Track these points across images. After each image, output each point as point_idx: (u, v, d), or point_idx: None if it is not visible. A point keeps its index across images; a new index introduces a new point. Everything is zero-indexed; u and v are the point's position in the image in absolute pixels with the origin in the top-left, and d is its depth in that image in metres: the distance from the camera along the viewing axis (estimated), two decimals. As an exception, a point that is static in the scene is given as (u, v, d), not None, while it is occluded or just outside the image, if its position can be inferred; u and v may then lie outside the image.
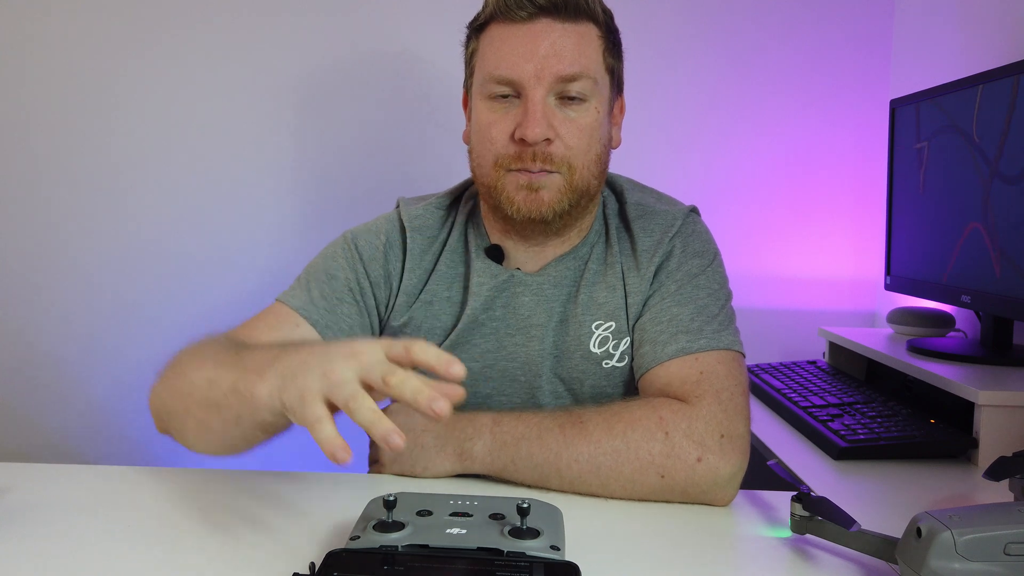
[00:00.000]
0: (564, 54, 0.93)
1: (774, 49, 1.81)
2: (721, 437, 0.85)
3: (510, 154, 0.95)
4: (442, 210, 1.07)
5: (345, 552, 0.62)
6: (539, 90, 0.92)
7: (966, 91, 1.33)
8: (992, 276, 1.26)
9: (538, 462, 0.86)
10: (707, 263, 1.00)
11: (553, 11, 0.93)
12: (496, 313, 1.01)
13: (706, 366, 0.91)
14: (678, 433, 0.84)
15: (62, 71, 1.76)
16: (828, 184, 1.84)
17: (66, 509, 0.80)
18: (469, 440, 0.88)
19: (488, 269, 1.02)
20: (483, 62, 0.97)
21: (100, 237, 1.80)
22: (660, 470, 0.84)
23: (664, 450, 0.84)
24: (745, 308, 1.82)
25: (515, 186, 0.95)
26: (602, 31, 0.97)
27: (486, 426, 0.88)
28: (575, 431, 0.86)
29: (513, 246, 1.03)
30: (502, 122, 0.95)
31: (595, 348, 0.99)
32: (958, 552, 0.59)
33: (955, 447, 1.11)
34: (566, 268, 1.02)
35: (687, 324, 0.95)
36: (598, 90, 0.96)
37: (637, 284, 0.99)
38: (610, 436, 0.85)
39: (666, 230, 1.01)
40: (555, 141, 0.94)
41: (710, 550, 0.75)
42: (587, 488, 0.85)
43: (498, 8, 0.94)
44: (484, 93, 0.96)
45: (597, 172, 0.98)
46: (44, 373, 1.83)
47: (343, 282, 1.02)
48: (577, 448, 0.85)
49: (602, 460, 0.84)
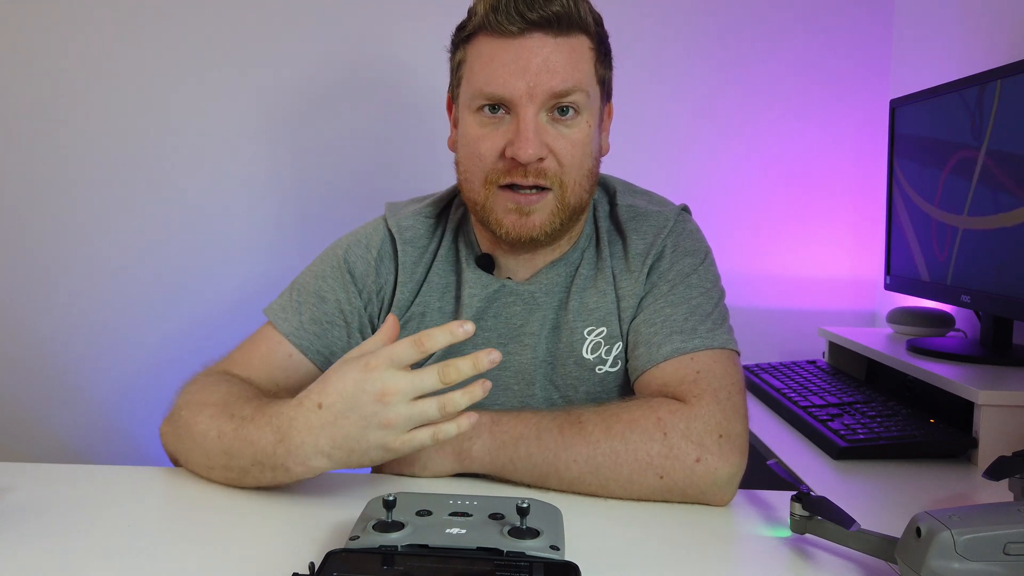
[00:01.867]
0: (557, 69, 0.90)
1: (774, 49, 1.81)
2: (720, 437, 0.84)
3: (500, 170, 0.93)
4: (431, 219, 1.06)
5: (345, 552, 0.62)
6: (531, 108, 0.90)
7: (966, 91, 1.33)
8: (992, 276, 1.26)
9: (537, 462, 0.86)
10: (699, 262, 0.99)
11: (545, 25, 0.90)
12: (488, 323, 1.00)
13: (703, 365, 0.90)
14: (676, 434, 0.84)
15: (62, 71, 1.76)
16: (828, 184, 1.84)
17: (66, 509, 0.80)
18: (468, 440, 0.88)
19: (479, 279, 1.01)
20: (472, 75, 0.93)
21: (100, 237, 1.80)
22: (659, 471, 0.83)
23: (663, 451, 0.83)
24: (745, 308, 1.82)
25: (504, 208, 0.94)
26: (593, 42, 0.94)
27: (485, 426, 0.88)
28: (573, 432, 0.85)
29: (503, 255, 1.02)
30: (492, 138, 0.92)
31: (588, 354, 0.98)
32: (958, 552, 0.59)
33: (955, 447, 1.11)
34: (557, 275, 1.01)
35: (681, 324, 0.94)
36: (589, 103, 0.94)
37: (630, 287, 0.98)
38: (608, 437, 0.84)
39: (658, 232, 1.00)
40: (548, 158, 0.92)
41: (710, 550, 0.75)
42: (586, 488, 0.85)
43: (487, 20, 0.90)
44: (472, 107, 0.93)
45: (588, 186, 0.97)
46: (44, 373, 1.83)
47: (334, 304, 1.01)
48: (576, 449, 0.84)
49: (601, 461, 0.84)
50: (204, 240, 1.81)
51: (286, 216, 1.82)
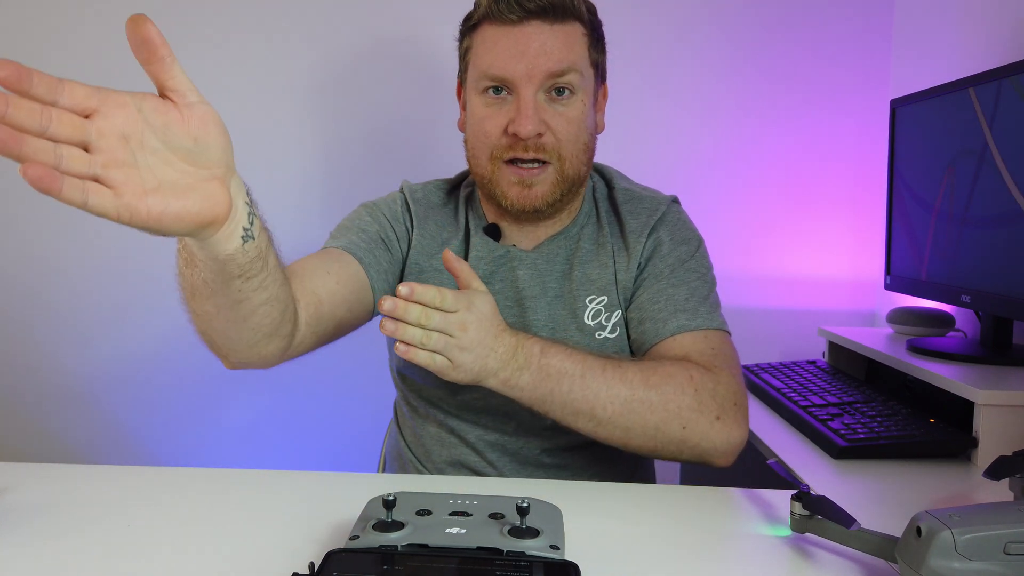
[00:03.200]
0: (553, 53, 1.00)
1: (774, 49, 1.81)
2: (735, 405, 0.94)
3: (503, 145, 1.02)
4: (442, 191, 1.17)
5: (345, 552, 0.62)
6: (530, 88, 1.00)
7: (966, 91, 1.33)
8: (992, 276, 1.26)
9: (576, 398, 0.90)
10: (694, 249, 1.09)
11: (541, 13, 0.99)
12: (495, 287, 1.08)
13: (715, 344, 1.00)
14: (705, 392, 0.92)
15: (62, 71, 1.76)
16: (828, 184, 1.84)
17: (66, 509, 0.80)
18: (519, 371, 0.89)
19: (486, 245, 1.10)
20: (477, 60, 1.04)
21: (100, 236, 1.80)
22: (683, 422, 0.91)
23: (692, 404, 0.91)
24: (745, 308, 1.82)
25: (509, 181, 1.03)
26: (587, 29, 1.04)
27: (535, 357, 0.89)
28: (616, 375, 0.91)
29: (508, 226, 1.11)
30: (496, 117, 1.02)
31: (589, 320, 1.07)
32: (958, 551, 0.59)
33: (955, 446, 1.11)
34: (558, 246, 1.10)
35: (683, 304, 1.03)
36: (584, 83, 1.03)
37: (625, 262, 1.08)
38: (646, 386, 0.91)
39: (651, 213, 1.10)
40: (546, 134, 1.01)
41: (710, 549, 0.75)
42: (611, 432, 0.91)
43: (490, 10, 1.01)
44: (478, 89, 1.04)
45: (585, 159, 1.06)
46: (44, 373, 1.83)
47: (374, 233, 1.09)
48: (615, 391, 0.90)
49: (635, 406, 0.90)
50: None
51: (286, 214, 1.82)
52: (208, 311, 0.83)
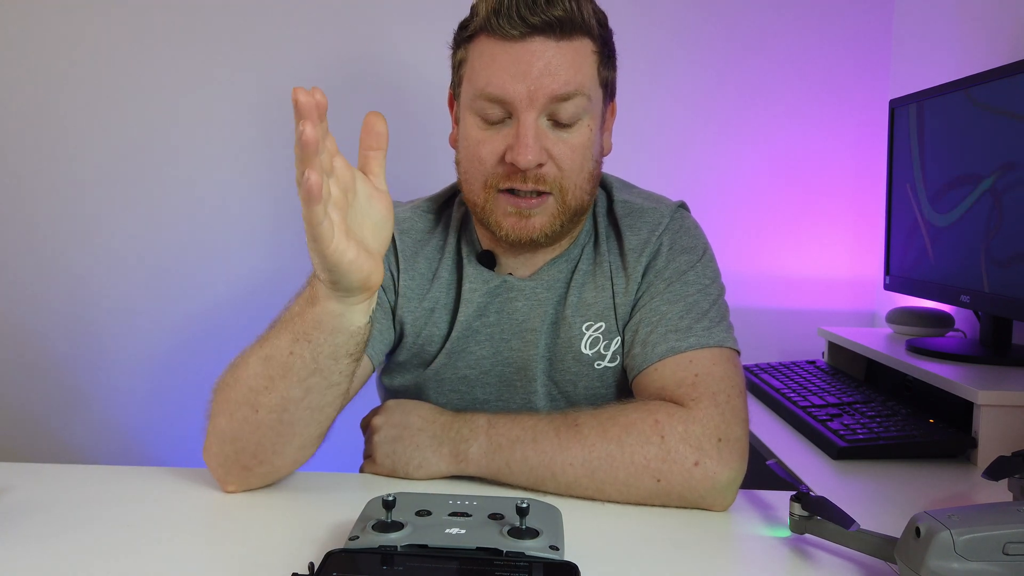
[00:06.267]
0: (559, 73, 0.88)
1: (774, 49, 1.81)
2: (719, 441, 0.83)
3: (500, 174, 0.92)
4: (430, 214, 1.06)
5: (344, 552, 0.62)
6: (531, 112, 0.88)
7: (966, 91, 1.33)
8: (991, 276, 1.26)
9: (533, 465, 0.85)
10: (696, 259, 0.98)
11: (547, 29, 0.88)
12: (491, 319, 1.00)
13: (701, 367, 0.89)
14: (674, 437, 0.83)
15: (62, 71, 1.76)
16: (828, 184, 1.84)
17: (66, 509, 0.80)
18: (465, 442, 0.88)
19: (480, 275, 1.00)
20: (472, 75, 0.92)
21: (100, 237, 1.80)
22: (656, 474, 0.82)
23: (660, 454, 0.82)
24: (745, 308, 1.82)
25: (504, 211, 0.93)
26: (597, 45, 0.92)
27: (481, 428, 0.88)
28: (570, 434, 0.85)
29: (503, 253, 1.01)
30: (492, 142, 0.91)
31: (586, 349, 0.98)
32: (957, 552, 0.59)
33: (954, 447, 1.11)
34: (558, 271, 1.00)
35: (676, 323, 0.92)
36: (591, 107, 0.92)
37: (624, 283, 0.98)
38: (605, 440, 0.83)
39: (653, 228, 0.99)
40: (547, 163, 0.91)
41: (709, 550, 0.75)
42: (583, 492, 0.85)
43: (489, 23, 0.89)
44: (473, 108, 0.92)
45: (589, 188, 0.95)
46: (44, 373, 1.83)
47: None
48: (572, 452, 0.84)
49: (597, 464, 0.83)
50: (204, 240, 1.81)
51: (286, 216, 1.82)
52: (294, 396, 0.79)
